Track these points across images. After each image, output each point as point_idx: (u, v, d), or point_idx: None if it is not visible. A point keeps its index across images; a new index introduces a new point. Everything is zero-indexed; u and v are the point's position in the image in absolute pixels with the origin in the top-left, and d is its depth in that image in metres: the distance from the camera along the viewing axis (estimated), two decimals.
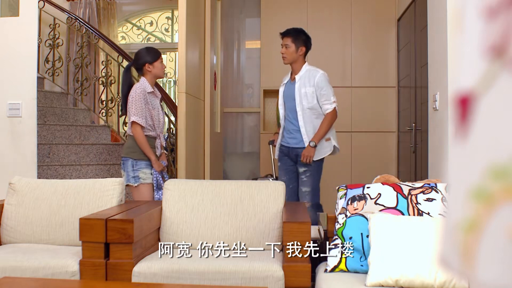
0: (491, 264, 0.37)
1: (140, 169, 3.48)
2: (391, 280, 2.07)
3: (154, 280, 2.40)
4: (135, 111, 3.43)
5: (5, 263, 2.48)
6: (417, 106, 4.40)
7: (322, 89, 3.80)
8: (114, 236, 2.45)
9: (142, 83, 3.52)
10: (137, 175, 3.45)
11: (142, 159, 3.49)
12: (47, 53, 5.70)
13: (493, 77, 0.38)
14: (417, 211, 2.35)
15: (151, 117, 3.51)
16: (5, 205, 3.00)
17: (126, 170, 3.51)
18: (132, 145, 3.52)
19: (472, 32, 0.41)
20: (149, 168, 3.52)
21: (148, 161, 3.51)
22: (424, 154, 4.04)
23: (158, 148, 3.61)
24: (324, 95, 3.80)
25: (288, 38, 3.91)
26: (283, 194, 2.93)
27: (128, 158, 3.49)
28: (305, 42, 3.92)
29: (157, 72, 3.59)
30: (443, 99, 3.35)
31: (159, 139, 3.61)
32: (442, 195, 2.40)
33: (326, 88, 3.81)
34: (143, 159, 3.49)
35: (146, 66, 3.55)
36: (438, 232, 0.41)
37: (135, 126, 3.44)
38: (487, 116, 0.38)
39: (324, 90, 3.80)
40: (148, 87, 3.51)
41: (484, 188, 0.38)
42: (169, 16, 7.47)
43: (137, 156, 3.49)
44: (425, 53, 3.92)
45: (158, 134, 3.60)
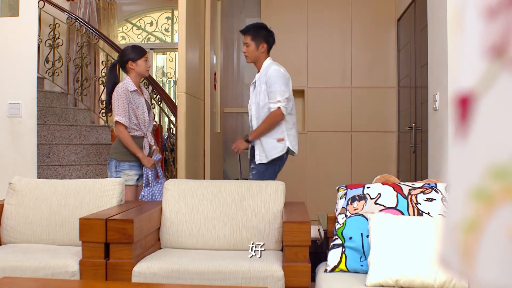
0: (491, 264, 0.37)
1: (122, 170, 3.50)
2: (391, 280, 2.07)
3: (154, 280, 2.40)
4: (117, 110, 3.43)
5: (5, 263, 2.48)
6: (417, 106, 4.40)
7: (270, 86, 3.54)
8: (114, 236, 2.45)
9: (125, 82, 3.51)
10: (119, 176, 3.46)
11: (126, 160, 3.50)
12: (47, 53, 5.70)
13: (493, 77, 0.38)
14: (417, 211, 2.35)
15: (135, 116, 3.50)
16: (5, 205, 3.00)
17: (110, 170, 3.55)
18: (116, 145, 3.55)
19: (472, 32, 0.41)
20: (134, 169, 3.53)
21: (132, 162, 3.52)
22: (424, 154, 4.04)
23: (146, 147, 3.60)
24: (271, 92, 3.54)
25: (247, 36, 3.68)
26: (283, 194, 2.93)
27: (112, 159, 3.54)
28: (266, 38, 3.68)
29: (140, 70, 3.56)
30: (443, 99, 3.35)
31: (146, 138, 3.60)
32: (442, 195, 2.40)
33: (274, 86, 3.54)
34: (127, 160, 3.50)
35: (129, 64, 3.53)
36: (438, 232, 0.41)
37: (118, 125, 3.44)
38: (487, 116, 0.38)
39: (272, 87, 3.54)
40: (131, 85, 3.49)
41: (484, 188, 0.38)
42: (169, 16, 7.47)
43: (120, 157, 3.50)
44: (425, 53, 3.92)
45: (145, 133, 3.59)
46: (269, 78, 3.55)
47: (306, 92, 5.63)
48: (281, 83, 3.55)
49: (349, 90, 5.62)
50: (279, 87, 3.53)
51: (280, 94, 3.52)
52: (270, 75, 3.56)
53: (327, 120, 5.60)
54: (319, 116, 5.61)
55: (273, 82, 3.54)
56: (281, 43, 5.71)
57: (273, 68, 3.59)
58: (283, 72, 3.62)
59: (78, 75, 5.84)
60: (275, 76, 3.55)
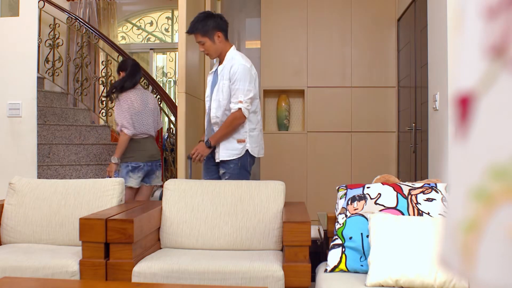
0: (491, 264, 0.37)
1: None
2: (391, 280, 2.07)
3: (154, 280, 2.40)
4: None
5: (5, 263, 2.48)
6: (417, 106, 4.40)
7: (234, 83, 3.28)
8: (114, 236, 2.45)
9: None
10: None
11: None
12: (47, 53, 5.70)
13: (493, 77, 0.38)
14: (417, 211, 2.35)
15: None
16: (5, 205, 3.00)
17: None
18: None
19: (472, 32, 0.41)
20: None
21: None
22: (424, 154, 4.04)
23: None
24: (234, 90, 3.28)
25: (197, 35, 3.37)
26: (283, 194, 2.93)
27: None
28: (217, 26, 3.36)
29: None
30: (443, 99, 3.35)
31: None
32: (442, 195, 2.40)
33: (238, 83, 3.27)
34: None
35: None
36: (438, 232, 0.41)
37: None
38: (487, 116, 0.38)
39: (235, 84, 3.28)
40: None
41: (484, 188, 0.38)
42: (169, 16, 7.47)
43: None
44: (425, 53, 3.92)
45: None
46: (234, 75, 3.28)
47: (306, 92, 5.63)
48: (247, 81, 3.28)
49: (349, 90, 5.61)
50: (243, 85, 3.27)
51: (244, 94, 3.27)
52: (235, 71, 3.28)
53: (327, 120, 5.60)
54: (319, 116, 5.61)
55: (238, 79, 3.27)
56: (281, 43, 5.71)
57: (239, 63, 3.31)
58: (249, 67, 3.35)
59: (78, 75, 5.84)
60: (240, 73, 3.28)
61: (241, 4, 6.07)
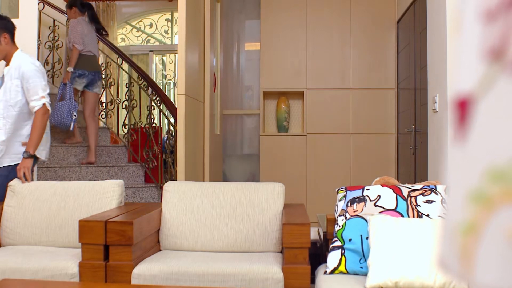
0: (490, 267, 0.37)
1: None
2: (391, 282, 2.07)
3: (153, 282, 2.40)
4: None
5: (5, 265, 2.48)
6: (417, 108, 4.40)
7: (28, 81, 3.20)
8: (114, 238, 2.45)
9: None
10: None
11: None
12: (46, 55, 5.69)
13: (492, 79, 0.38)
14: (417, 213, 2.35)
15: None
16: (4, 207, 3.00)
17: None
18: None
19: (471, 35, 0.41)
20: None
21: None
22: (423, 156, 4.04)
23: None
24: (31, 89, 3.20)
25: None
26: (282, 196, 2.93)
27: None
28: (4, 28, 3.27)
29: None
30: (443, 101, 3.35)
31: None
32: (442, 197, 2.40)
33: (34, 80, 3.21)
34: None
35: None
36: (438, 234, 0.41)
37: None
38: (486, 118, 0.38)
39: (31, 82, 3.20)
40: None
41: (483, 191, 0.38)
42: (169, 18, 7.48)
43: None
44: (424, 55, 3.93)
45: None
46: (26, 73, 3.20)
47: (306, 93, 5.63)
48: (41, 77, 3.25)
49: (349, 92, 5.62)
50: (39, 82, 3.22)
51: (42, 89, 3.22)
52: (27, 69, 3.21)
53: (326, 122, 5.60)
54: (319, 118, 5.61)
55: (32, 77, 3.21)
56: (281, 45, 5.71)
57: (28, 62, 3.25)
58: (39, 66, 3.31)
59: None
60: (33, 71, 3.23)
61: (240, 6, 6.08)
